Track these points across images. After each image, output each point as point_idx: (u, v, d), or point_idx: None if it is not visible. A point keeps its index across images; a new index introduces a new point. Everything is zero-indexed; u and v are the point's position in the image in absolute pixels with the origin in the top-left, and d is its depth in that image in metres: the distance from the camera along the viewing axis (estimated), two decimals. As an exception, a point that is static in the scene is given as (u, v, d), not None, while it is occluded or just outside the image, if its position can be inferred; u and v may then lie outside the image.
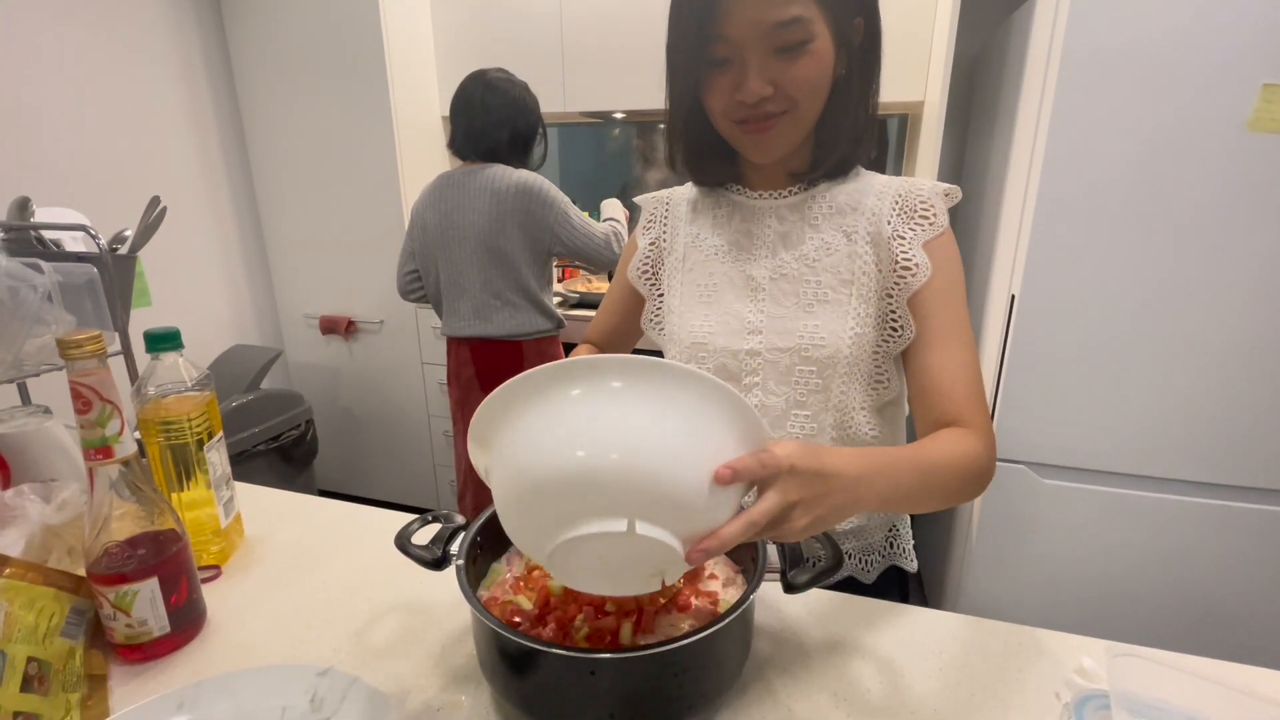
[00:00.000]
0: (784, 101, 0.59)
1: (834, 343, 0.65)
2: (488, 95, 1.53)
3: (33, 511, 0.63)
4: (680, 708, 0.46)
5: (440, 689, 0.53)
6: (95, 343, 0.53)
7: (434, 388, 2.25)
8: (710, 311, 0.71)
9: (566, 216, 1.55)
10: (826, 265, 0.67)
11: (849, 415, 0.68)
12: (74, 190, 1.81)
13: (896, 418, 0.73)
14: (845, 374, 0.66)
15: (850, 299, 0.66)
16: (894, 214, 0.66)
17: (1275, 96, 1.10)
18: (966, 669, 0.55)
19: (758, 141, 0.62)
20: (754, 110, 0.60)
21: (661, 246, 0.77)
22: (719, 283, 0.71)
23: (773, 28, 0.56)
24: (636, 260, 0.79)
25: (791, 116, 0.61)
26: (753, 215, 0.71)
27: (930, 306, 0.64)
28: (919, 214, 0.65)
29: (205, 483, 0.70)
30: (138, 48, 1.97)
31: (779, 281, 0.68)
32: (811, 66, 0.58)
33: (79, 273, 0.84)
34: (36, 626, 0.52)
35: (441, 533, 0.54)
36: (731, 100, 0.60)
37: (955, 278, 0.65)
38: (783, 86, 0.58)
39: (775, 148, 0.63)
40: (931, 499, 0.54)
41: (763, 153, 0.64)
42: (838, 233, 0.67)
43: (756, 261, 0.70)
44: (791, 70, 0.58)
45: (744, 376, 0.70)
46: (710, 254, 0.72)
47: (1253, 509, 1.26)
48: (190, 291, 2.20)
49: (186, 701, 0.49)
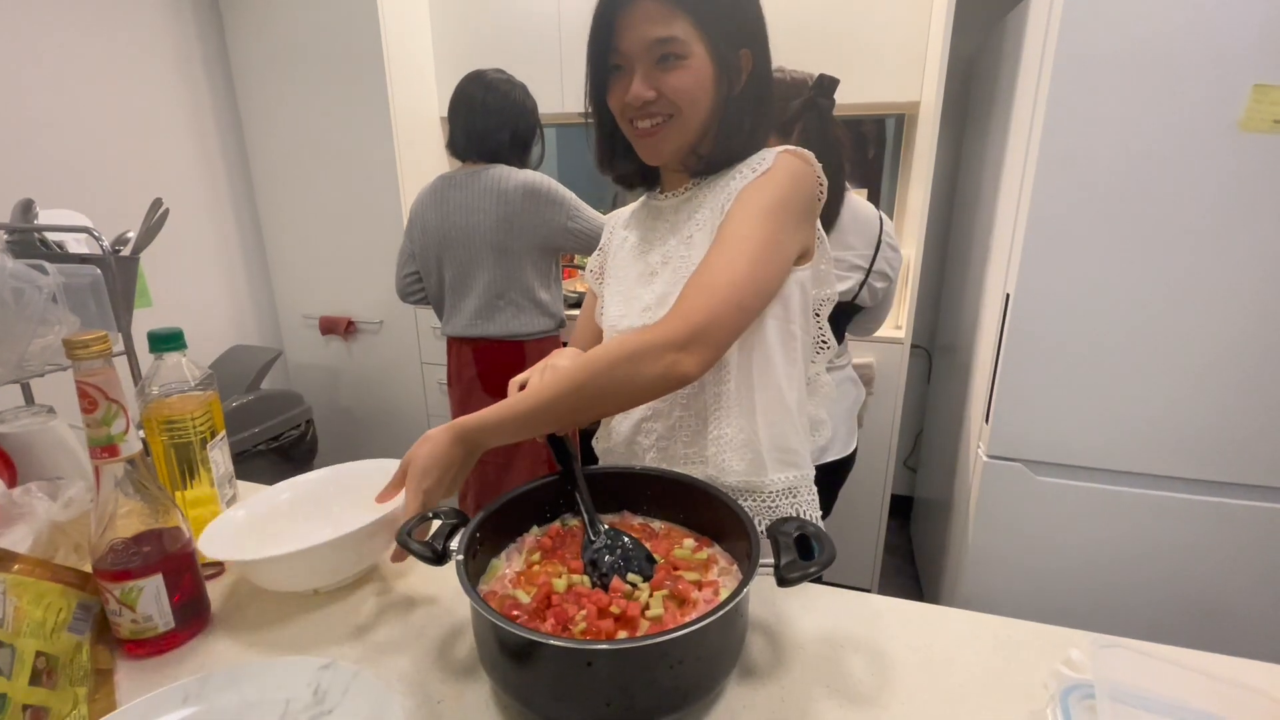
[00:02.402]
0: (667, 105, 0.68)
1: None
2: (488, 96, 1.53)
3: (40, 509, 0.64)
4: (676, 697, 0.47)
5: (441, 681, 0.54)
6: (102, 343, 0.54)
7: (434, 388, 2.26)
8: (621, 299, 0.80)
9: (577, 211, 1.56)
10: (698, 241, 0.72)
11: (724, 372, 0.73)
12: (76, 192, 1.82)
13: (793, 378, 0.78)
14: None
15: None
16: (739, 179, 0.70)
17: (1266, 96, 1.11)
18: (957, 661, 0.56)
19: (648, 144, 0.71)
20: (641, 111, 0.68)
21: (607, 250, 0.89)
22: (628, 273, 0.80)
23: (653, 42, 0.66)
24: (592, 263, 0.91)
25: (675, 122, 0.69)
26: (658, 213, 0.80)
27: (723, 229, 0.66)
28: (750, 167, 0.70)
29: (209, 481, 0.71)
30: (137, 51, 1.98)
31: (668, 264, 0.75)
32: (685, 78, 0.67)
33: (82, 274, 0.85)
34: (44, 621, 0.54)
35: (441, 529, 0.55)
36: (623, 102, 0.69)
37: (756, 200, 0.66)
38: (663, 92, 0.67)
39: (662, 149, 0.71)
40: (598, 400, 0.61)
41: (652, 154, 0.72)
42: (707, 210, 0.73)
43: (654, 250, 0.78)
44: (668, 78, 0.67)
45: None
46: (629, 251, 0.82)
47: (1245, 505, 1.27)
48: (190, 292, 2.21)
49: (191, 694, 0.50)
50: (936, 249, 2.17)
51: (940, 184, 2.06)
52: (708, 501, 0.62)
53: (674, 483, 0.65)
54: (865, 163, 2.19)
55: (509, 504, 0.62)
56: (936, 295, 2.21)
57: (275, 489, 0.74)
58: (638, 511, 0.67)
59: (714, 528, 0.62)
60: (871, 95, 1.81)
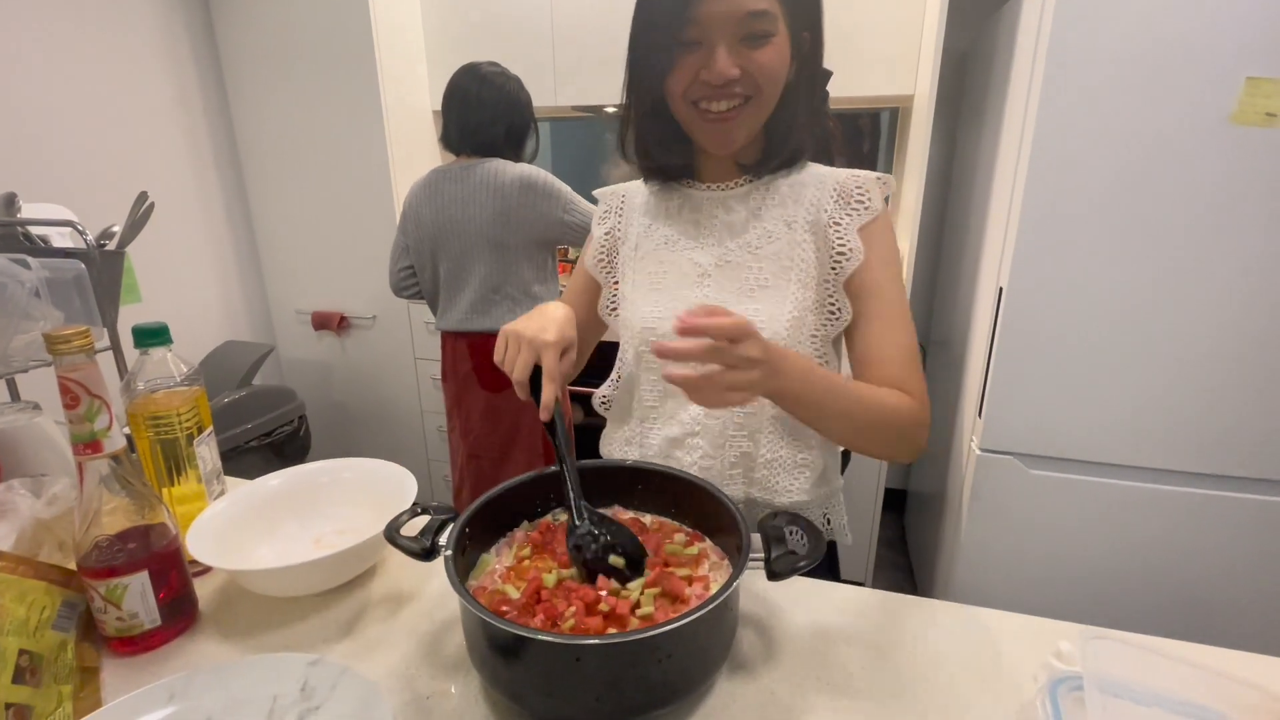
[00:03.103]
0: (749, 86, 0.63)
1: (773, 326, 0.68)
2: (482, 89, 1.52)
3: (23, 506, 0.63)
4: (666, 692, 0.47)
5: (430, 678, 0.54)
6: (83, 338, 0.53)
7: (427, 383, 2.25)
8: (660, 297, 0.74)
9: (573, 204, 1.56)
10: (768, 253, 0.70)
11: None
12: (62, 187, 1.80)
13: None
14: None
15: (789, 284, 0.69)
16: (831, 202, 0.69)
17: (1259, 90, 1.11)
18: (947, 654, 0.56)
19: (720, 130, 0.66)
20: (720, 91, 0.63)
21: (616, 236, 0.81)
22: (669, 270, 0.74)
23: (745, 16, 0.60)
24: (593, 249, 0.82)
25: (754, 105, 0.64)
26: (701, 206, 0.74)
27: (867, 288, 0.68)
28: (854, 200, 0.69)
29: (196, 477, 0.70)
30: (125, 42, 1.95)
31: (724, 268, 0.71)
32: (773, 56, 0.63)
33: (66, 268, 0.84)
34: (28, 620, 0.53)
35: (430, 524, 0.54)
36: (696, 80, 0.63)
37: (890, 259, 0.69)
38: (749, 71, 0.62)
39: (736, 137, 0.66)
40: (857, 431, 0.62)
41: (723, 142, 0.67)
42: (779, 222, 0.70)
43: (704, 249, 0.73)
44: (757, 56, 0.62)
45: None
46: (661, 243, 0.76)
47: (1235, 497, 1.28)
48: (181, 288, 2.19)
49: (178, 692, 0.50)
50: (930, 243, 2.17)
51: (934, 177, 2.06)
52: (698, 496, 0.61)
53: (665, 477, 0.65)
54: (859, 156, 2.19)
55: (498, 499, 0.61)
56: (930, 289, 2.21)
57: (264, 479, 0.74)
58: (629, 506, 0.67)
59: (705, 522, 0.62)
60: (865, 88, 1.81)
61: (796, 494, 0.73)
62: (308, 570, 0.60)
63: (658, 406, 0.77)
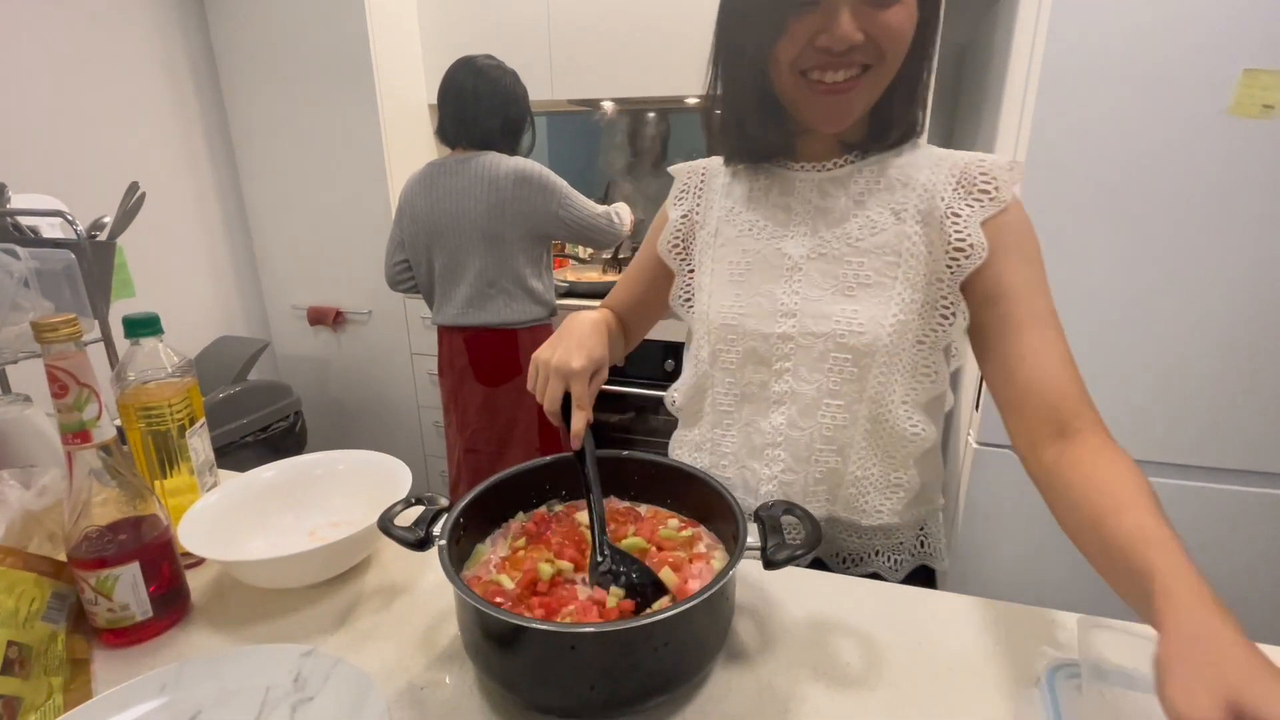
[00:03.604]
0: (871, 53, 0.55)
1: (873, 330, 0.61)
2: (478, 82, 1.51)
3: (12, 497, 0.63)
4: (661, 681, 0.46)
5: (424, 668, 0.54)
6: (70, 326, 0.52)
7: (424, 378, 2.24)
8: (742, 291, 0.66)
9: (568, 199, 1.55)
10: (871, 245, 0.62)
11: (886, 408, 0.63)
12: (54, 178, 1.78)
13: (940, 416, 0.69)
14: (884, 364, 0.62)
15: (895, 283, 0.61)
16: (950, 189, 0.60)
17: (1256, 81, 1.11)
18: (944, 643, 0.55)
19: (834, 104, 0.57)
20: (839, 59, 0.54)
21: (694, 219, 0.73)
22: (752, 260, 0.66)
23: None
24: (667, 233, 0.74)
25: (874, 74, 0.56)
26: (793, 188, 0.65)
27: (1002, 291, 0.58)
28: (978, 188, 0.60)
29: (188, 469, 0.70)
30: (118, 33, 1.94)
31: (817, 261, 0.63)
32: (903, 17, 0.54)
33: (56, 259, 0.83)
34: (17, 611, 0.52)
35: (424, 514, 0.54)
36: (811, 46, 0.54)
37: (1030, 257, 0.60)
38: (873, 36, 0.53)
39: (853, 111, 0.58)
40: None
41: (837, 117, 0.58)
42: (885, 210, 0.62)
43: (795, 239, 0.65)
44: (884, 17, 0.53)
45: (774, 361, 0.66)
46: (745, 229, 0.67)
47: (1233, 490, 1.28)
48: (175, 283, 2.18)
49: (169, 683, 0.50)
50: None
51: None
52: (694, 485, 0.61)
53: (661, 466, 0.64)
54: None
55: (493, 489, 0.61)
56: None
57: (258, 470, 0.74)
58: (624, 495, 0.66)
59: (700, 511, 0.62)
60: (863, 82, 1.80)
61: (887, 515, 0.66)
62: (301, 561, 0.60)
63: (733, 411, 0.70)
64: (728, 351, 0.68)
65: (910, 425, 0.64)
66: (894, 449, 0.65)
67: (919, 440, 0.65)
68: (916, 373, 0.64)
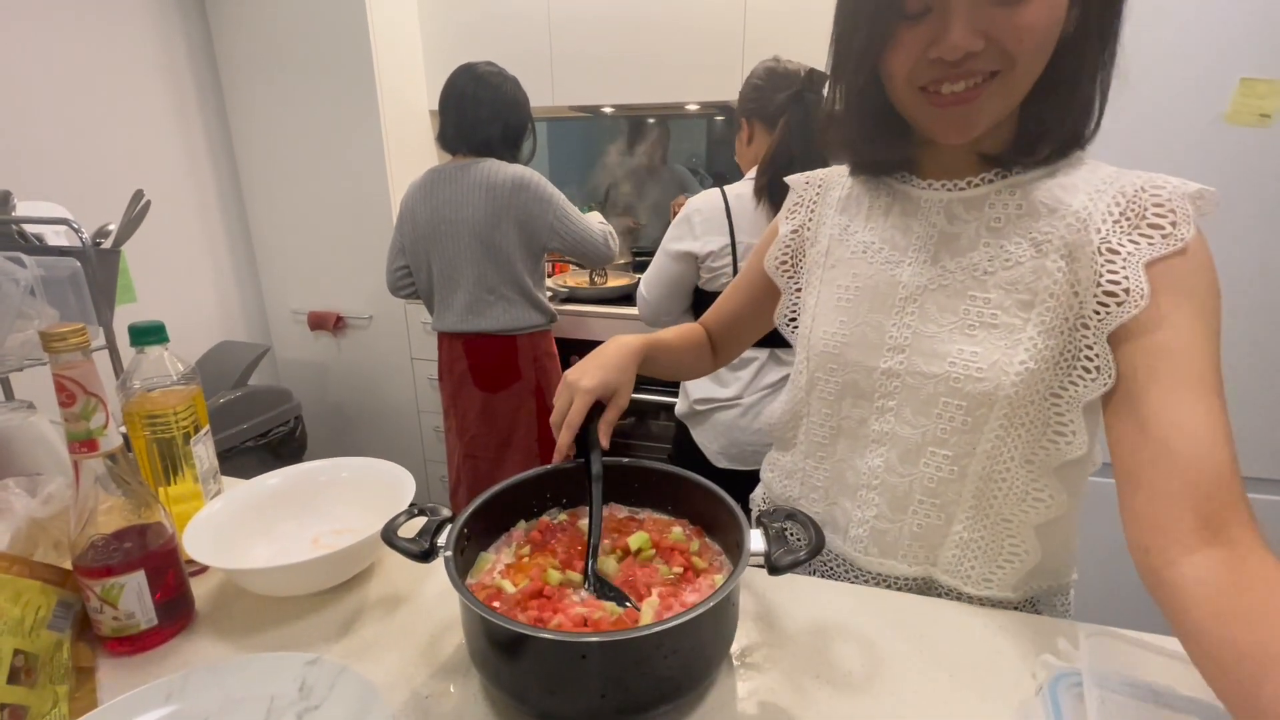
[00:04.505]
0: (997, 58, 0.47)
1: (995, 377, 0.53)
2: (479, 89, 1.52)
3: (18, 505, 0.63)
4: (669, 688, 0.47)
5: (429, 678, 0.54)
6: (79, 335, 0.53)
7: (424, 383, 2.25)
8: (847, 319, 0.61)
9: (565, 212, 1.55)
10: (1002, 280, 0.53)
11: (1003, 467, 0.56)
12: (57, 185, 1.79)
13: (1078, 483, 0.59)
14: (1004, 417, 0.54)
15: (1027, 325, 0.53)
16: (1110, 220, 0.51)
17: (1253, 90, 1.12)
18: (947, 651, 0.56)
19: (956, 116, 0.50)
20: (955, 70, 0.47)
21: (805, 235, 0.67)
22: (863, 286, 0.60)
23: None
24: (776, 249, 0.69)
25: (1004, 81, 0.48)
26: (916, 209, 0.58)
27: (1164, 342, 0.47)
28: (1148, 222, 0.49)
29: (193, 476, 0.70)
30: (121, 39, 1.95)
31: (935, 293, 0.56)
32: (1039, 14, 0.46)
33: (62, 266, 0.83)
34: (23, 620, 0.52)
35: (428, 525, 0.54)
36: (923, 58, 0.48)
37: (1202, 310, 0.48)
38: (998, 39, 0.46)
39: (979, 122, 0.50)
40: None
41: (959, 129, 0.51)
42: (1023, 240, 0.53)
43: (911, 265, 0.58)
44: (1013, 18, 0.45)
45: (876, 398, 0.60)
46: (858, 250, 0.61)
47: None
48: (177, 288, 2.18)
49: (175, 692, 0.50)
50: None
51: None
52: (696, 492, 0.61)
53: (663, 474, 0.65)
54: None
55: (495, 499, 0.61)
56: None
57: (262, 478, 0.74)
58: (625, 503, 0.67)
59: (703, 518, 0.62)
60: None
61: (997, 588, 0.59)
62: (305, 570, 0.60)
63: (827, 444, 0.65)
64: (826, 381, 0.63)
65: (1035, 492, 0.57)
66: (1010, 513, 0.58)
67: (1044, 511, 0.57)
68: (1048, 431, 0.55)
